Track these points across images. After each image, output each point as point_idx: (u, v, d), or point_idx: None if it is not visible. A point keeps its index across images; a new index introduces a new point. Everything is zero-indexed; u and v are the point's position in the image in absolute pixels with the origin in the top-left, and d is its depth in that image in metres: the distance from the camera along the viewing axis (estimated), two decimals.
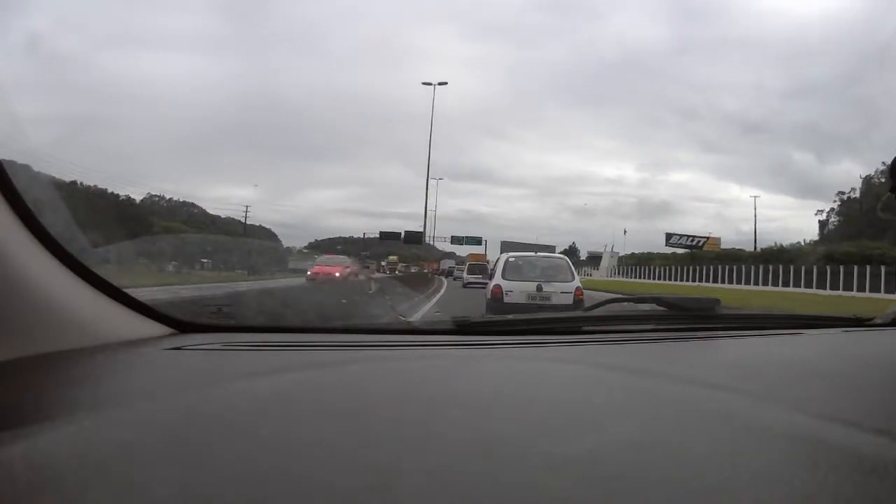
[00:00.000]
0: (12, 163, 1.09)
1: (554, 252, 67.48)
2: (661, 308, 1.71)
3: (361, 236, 69.66)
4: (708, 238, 67.84)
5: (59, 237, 1.10)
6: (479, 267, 35.93)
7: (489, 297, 10.09)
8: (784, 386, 0.98)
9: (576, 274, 10.32)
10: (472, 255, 63.85)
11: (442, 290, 22.78)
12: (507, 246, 72.86)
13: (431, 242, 71.50)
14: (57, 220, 1.18)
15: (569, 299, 9.24)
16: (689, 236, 69.01)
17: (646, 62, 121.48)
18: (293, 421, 0.69)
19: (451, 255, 77.77)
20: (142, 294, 1.29)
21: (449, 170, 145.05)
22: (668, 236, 68.93)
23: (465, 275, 34.18)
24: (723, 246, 66.05)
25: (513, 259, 10.36)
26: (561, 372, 1.04)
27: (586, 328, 1.61)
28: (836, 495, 0.53)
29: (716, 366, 1.22)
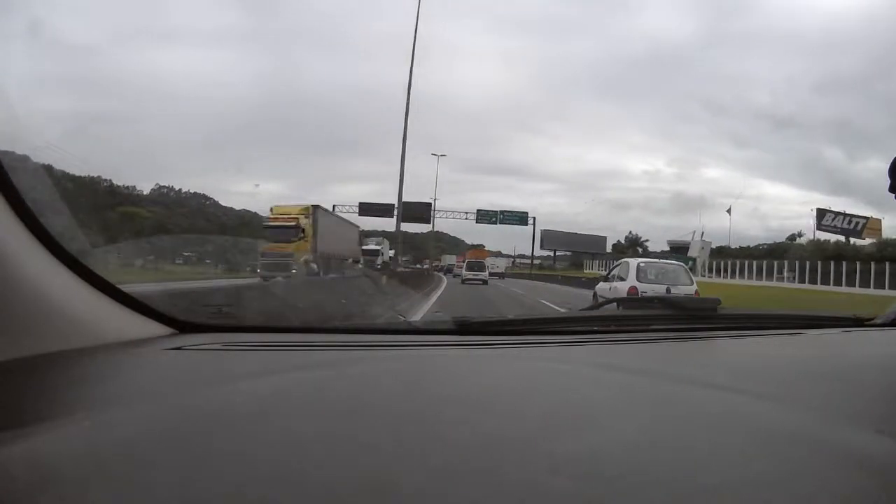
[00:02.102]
0: (11, 155, 1.09)
1: (605, 242, 64.82)
2: (662, 308, 1.71)
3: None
4: (868, 219, 48.92)
5: (59, 237, 1.10)
6: (478, 264, 35.27)
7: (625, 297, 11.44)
8: (784, 386, 0.98)
9: (693, 278, 12.16)
10: (471, 252, 58.91)
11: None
12: (548, 235, 62.34)
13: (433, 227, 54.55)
14: (57, 220, 1.18)
15: None
16: (845, 215, 49.96)
17: (675, 56, 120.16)
18: (293, 421, 0.69)
19: (480, 248, 62.53)
20: None
21: (480, 164, 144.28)
22: (821, 214, 50.64)
23: (463, 271, 34.02)
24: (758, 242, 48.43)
25: (643, 265, 11.79)
26: (561, 372, 1.04)
27: (586, 328, 1.61)
28: (836, 495, 0.53)
29: (716, 366, 1.22)
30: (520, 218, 53.04)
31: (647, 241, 69.02)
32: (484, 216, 51.63)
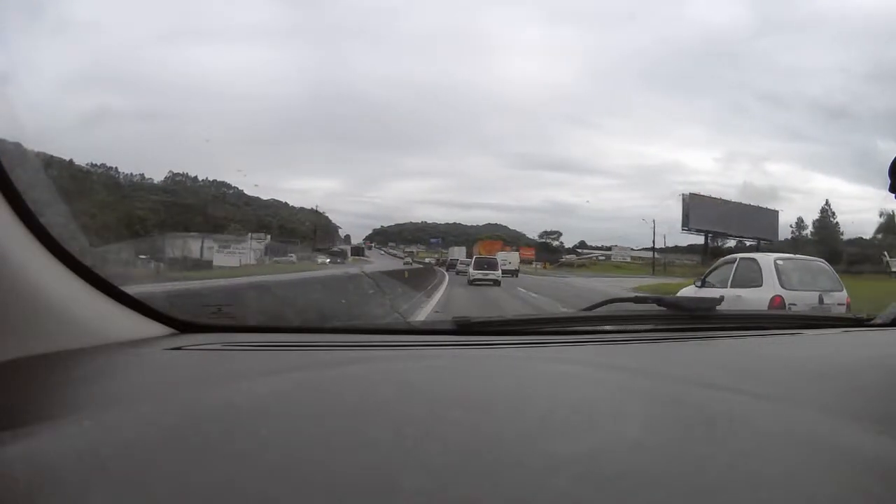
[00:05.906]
0: (11, 153, 1.09)
1: (777, 220, 49.90)
2: (661, 308, 1.71)
3: None
4: None
5: (58, 237, 1.10)
6: (489, 262, 28.86)
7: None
8: (784, 386, 0.98)
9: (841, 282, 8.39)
10: (482, 246, 50.91)
11: None
12: (696, 204, 48.78)
13: None
14: (57, 218, 1.18)
15: (842, 310, 7.68)
16: None
17: (728, 45, 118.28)
18: (293, 421, 0.69)
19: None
20: None
21: (535, 160, 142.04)
22: None
23: (471, 270, 27.37)
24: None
25: (781, 263, 8.07)
26: (561, 372, 1.04)
27: (586, 328, 1.61)
28: (836, 495, 0.54)
29: (716, 366, 1.22)
30: None
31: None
32: None
